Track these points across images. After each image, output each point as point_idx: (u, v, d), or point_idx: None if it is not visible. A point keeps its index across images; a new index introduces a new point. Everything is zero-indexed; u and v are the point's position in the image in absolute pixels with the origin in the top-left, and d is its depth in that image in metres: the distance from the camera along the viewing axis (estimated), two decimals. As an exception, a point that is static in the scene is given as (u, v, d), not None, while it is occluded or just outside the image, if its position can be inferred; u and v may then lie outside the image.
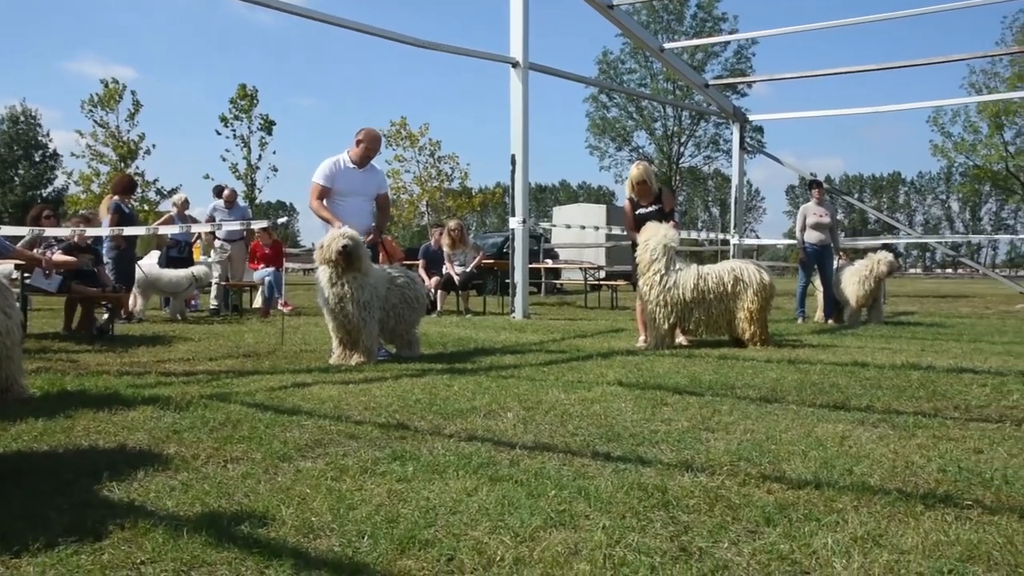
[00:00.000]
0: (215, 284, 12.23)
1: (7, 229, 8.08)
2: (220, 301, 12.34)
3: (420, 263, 13.21)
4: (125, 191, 10.55)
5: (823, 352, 6.97)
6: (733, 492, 2.70)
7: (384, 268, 6.70)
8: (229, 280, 12.46)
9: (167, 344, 7.70)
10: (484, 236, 27.16)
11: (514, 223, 11.65)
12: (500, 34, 11.80)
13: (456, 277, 12.86)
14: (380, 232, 7.17)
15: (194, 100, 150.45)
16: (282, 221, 26.43)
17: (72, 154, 37.26)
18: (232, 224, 11.42)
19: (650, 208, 7.79)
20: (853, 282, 10.60)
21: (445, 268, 13.01)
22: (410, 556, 2.14)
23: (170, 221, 11.92)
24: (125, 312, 9.73)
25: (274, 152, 45.14)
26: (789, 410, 4.24)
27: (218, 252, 12.33)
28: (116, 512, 2.46)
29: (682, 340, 7.79)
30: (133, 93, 36.72)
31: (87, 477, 2.84)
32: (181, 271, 11.07)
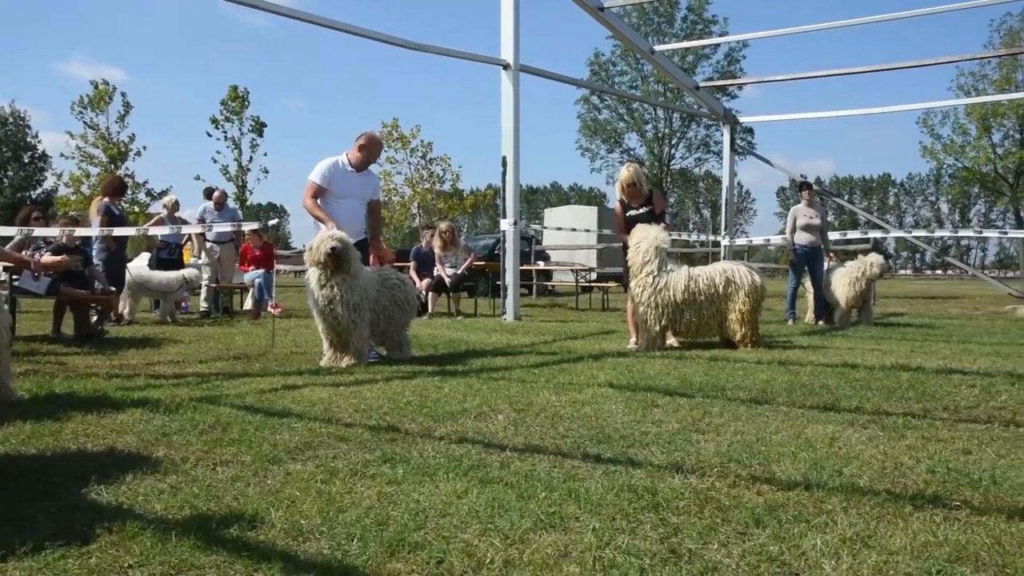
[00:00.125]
0: (205, 286, 12.20)
1: (-5, 231, 8.04)
2: (210, 303, 12.31)
3: (411, 265, 13.20)
4: (115, 193, 10.50)
5: (813, 353, 6.99)
6: (723, 494, 2.70)
7: (374, 270, 6.70)
8: (219, 282, 12.43)
9: (157, 346, 7.67)
10: (475, 238, 27.15)
11: (505, 225, 11.66)
12: (493, 36, 11.81)
13: (447, 279, 12.85)
14: (377, 238, 7.18)
15: (184, 102, 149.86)
16: (273, 223, 26.35)
17: (62, 155, 37.18)
18: (223, 226, 11.39)
19: (641, 210, 7.79)
20: (843, 283, 10.64)
21: (436, 270, 13.01)
22: (400, 559, 2.14)
23: (160, 223, 11.88)
24: (115, 314, 9.69)
25: (265, 154, 44.98)
26: (779, 411, 4.25)
27: (208, 253, 12.30)
28: (104, 515, 2.45)
29: (673, 342, 7.79)
30: (123, 95, 36.69)
31: (75, 480, 2.83)
32: (172, 273, 11.03)
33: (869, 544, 2.24)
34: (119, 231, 9.49)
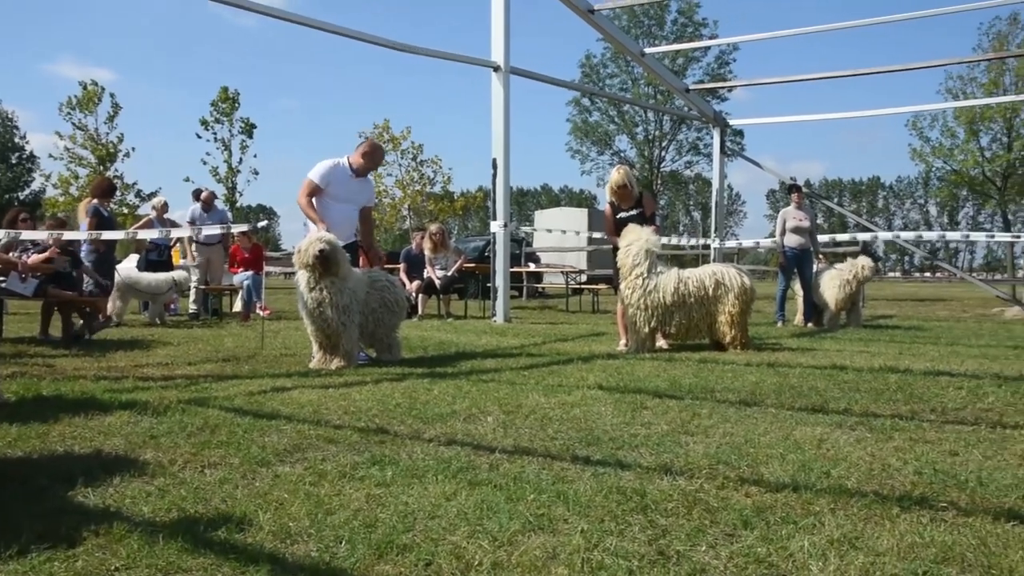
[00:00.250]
0: (194, 288, 12.15)
1: (-18, 232, 7.98)
2: (199, 305, 12.26)
3: (401, 267, 13.19)
4: (104, 194, 10.44)
5: (802, 355, 7.01)
6: (711, 495, 2.71)
7: (364, 272, 6.69)
8: (208, 284, 12.38)
9: (145, 348, 7.63)
10: (466, 240, 27.14)
11: (495, 227, 11.66)
12: (485, 38, 11.80)
13: (437, 281, 12.84)
14: (371, 245, 7.16)
15: (174, 103, 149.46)
16: (262, 225, 26.26)
17: (50, 156, 36.97)
18: (212, 228, 11.34)
19: (631, 212, 7.80)
20: (832, 286, 10.68)
21: (426, 272, 12.99)
22: (388, 561, 2.13)
23: (149, 224, 11.81)
24: (104, 316, 9.63)
25: (255, 155, 44.91)
26: (768, 413, 4.26)
27: (199, 254, 12.24)
28: (91, 518, 2.44)
29: (663, 344, 7.81)
30: (112, 96, 36.54)
31: (62, 483, 2.81)
32: (161, 275, 10.98)
33: (856, 545, 2.25)
34: (108, 235, 9.44)
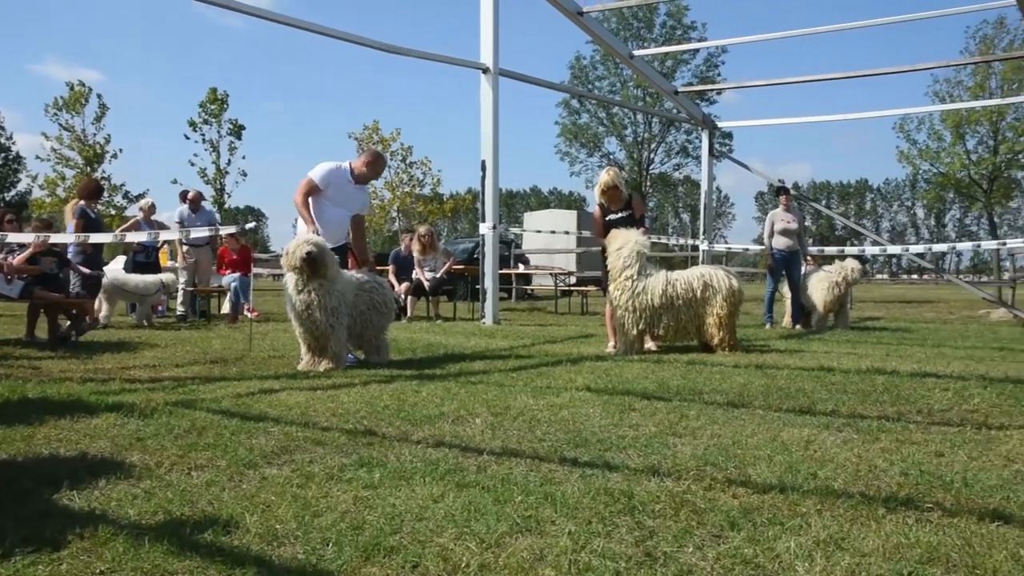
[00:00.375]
0: (182, 290, 12.10)
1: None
2: (187, 307, 12.20)
3: (390, 268, 13.17)
4: (91, 196, 10.38)
5: (790, 357, 7.04)
6: (699, 497, 2.72)
7: (352, 274, 6.67)
8: (196, 286, 12.33)
9: (132, 350, 7.59)
10: (455, 242, 27.12)
11: (484, 229, 11.66)
12: (476, 39, 11.78)
13: (426, 283, 12.82)
14: (361, 252, 7.13)
15: (162, 104, 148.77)
16: (251, 227, 26.16)
17: (37, 157, 36.77)
18: (200, 231, 11.29)
19: (620, 214, 7.81)
20: (820, 288, 10.72)
21: (415, 274, 12.97)
22: (375, 563, 2.13)
23: (136, 226, 11.76)
24: (91, 318, 9.58)
25: (243, 157, 44.67)
26: (756, 415, 4.27)
27: (187, 255, 12.19)
28: (76, 521, 2.42)
29: (651, 345, 7.83)
30: (99, 96, 36.32)
31: (47, 486, 2.80)
32: (149, 276, 10.92)
33: (842, 546, 2.26)
34: (96, 238, 9.39)
